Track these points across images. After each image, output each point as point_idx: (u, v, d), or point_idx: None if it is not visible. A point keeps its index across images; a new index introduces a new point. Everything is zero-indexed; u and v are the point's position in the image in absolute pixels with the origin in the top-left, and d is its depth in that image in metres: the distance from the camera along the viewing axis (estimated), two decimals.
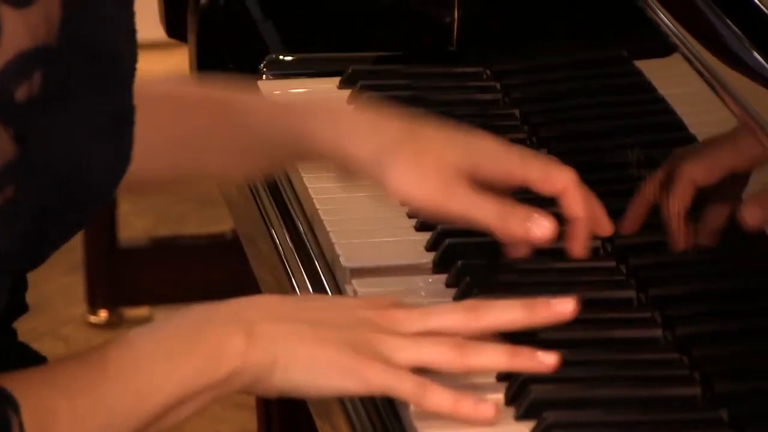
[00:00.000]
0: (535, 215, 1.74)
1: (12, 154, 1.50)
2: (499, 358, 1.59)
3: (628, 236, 1.87)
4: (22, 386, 1.52)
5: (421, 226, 1.84)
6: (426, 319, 1.63)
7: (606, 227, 1.83)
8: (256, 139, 1.92)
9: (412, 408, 1.60)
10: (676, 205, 1.82)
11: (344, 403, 1.71)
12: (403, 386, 1.58)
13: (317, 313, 1.68)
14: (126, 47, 1.62)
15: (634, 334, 1.70)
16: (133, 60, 1.64)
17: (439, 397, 1.57)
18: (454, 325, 1.61)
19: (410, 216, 1.86)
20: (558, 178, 1.77)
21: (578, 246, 1.80)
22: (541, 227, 1.73)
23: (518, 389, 1.59)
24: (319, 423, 1.86)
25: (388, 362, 1.61)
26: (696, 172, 1.80)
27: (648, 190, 1.88)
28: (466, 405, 1.57)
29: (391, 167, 1.80)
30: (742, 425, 1.56)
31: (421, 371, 1.58)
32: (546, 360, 1.58)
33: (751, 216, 1.66)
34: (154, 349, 1.65)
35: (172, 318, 1.66)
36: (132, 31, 1.62)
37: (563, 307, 1.59)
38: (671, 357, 1.67)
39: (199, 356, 1.60)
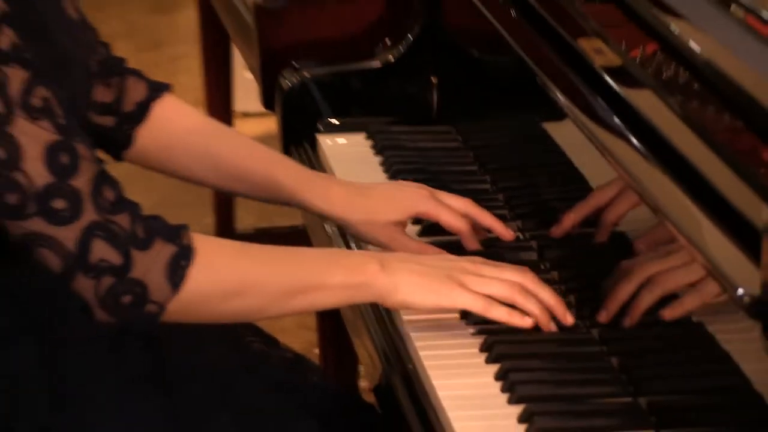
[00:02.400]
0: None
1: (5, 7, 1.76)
2: (538, 311, 1.92)
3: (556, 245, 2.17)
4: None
5: None
6: (493, 271, 1.97)
7: (503, 234, 2.15)
8: (265, 181, 2.21)
9: (403, 317, 2.01)
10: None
11: (367, 323, 2.11)
12: (476, 304, 1.92)
13: (429, 260, 2.02)
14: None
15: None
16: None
17: (498, 311, 1.91)
18: (508, 279, 1.94)
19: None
20: (450, 212, 2.13)
21: (472, 244, 2.17)
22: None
23: (489, 345, 1.92)
24: (353, 337, 2.27)
25: (468, 289, 1.93)
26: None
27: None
28: (515, 317, 1.91)
29: (352, 225, 2.19)
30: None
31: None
32: (525, 322, 1.92)
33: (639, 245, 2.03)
34: (321, 252, 2.12)
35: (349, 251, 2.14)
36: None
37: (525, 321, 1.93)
38: (589, 337, 1.96)
39: (346, 265, 1.97)
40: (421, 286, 1.93)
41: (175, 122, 2.17)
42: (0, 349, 1.84)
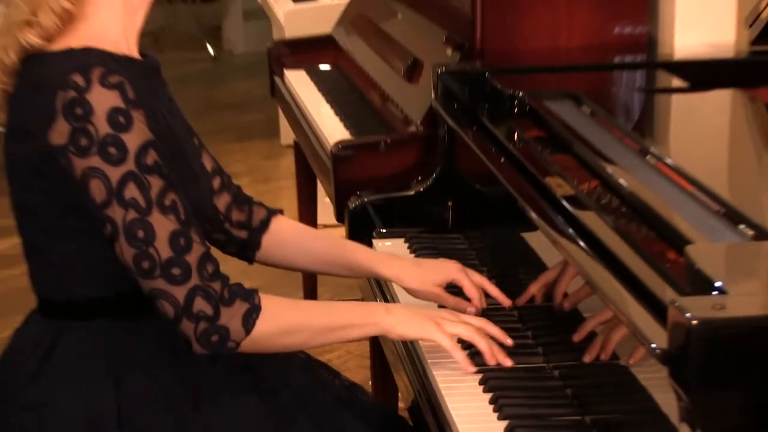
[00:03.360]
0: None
1: (150, 136, 1.73)
2: (486, 346, 1.87)
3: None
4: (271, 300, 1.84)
5: None
6: (465, 320, 1.92)
7: (503, 301, 2.08)
8: (350, 263, 2.16)
9: (428, 359, 1.95)
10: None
11: (402, 360, 2.07)
12: (444, 340, 1.87)
13: (422, 309, 1.98)
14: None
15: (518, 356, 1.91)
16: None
17: (458, 353, 1.87)
18: (470, 323, 1.91)
19: None
20: (471, 283, 2.07)
21: (477, 304, 2.08)
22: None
23: (486, 379, 1.86)
24: (394, 373, 2.22)
25: (443, 329, 1.88)
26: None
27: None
28: (464, 362, 1.86)
29: (411, 287, 2.11)
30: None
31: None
32: (503, 361, 1.88)
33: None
34: (346, 304, 2.04)
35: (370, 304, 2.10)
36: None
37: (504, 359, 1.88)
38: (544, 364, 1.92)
39: (362, 311, 1.94)
40: (412, 324, 1.89)
41: (287, 231, 2.15)
42: (156, 371, 1.84)
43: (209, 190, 1.97)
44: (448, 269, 2.11)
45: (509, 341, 1.90)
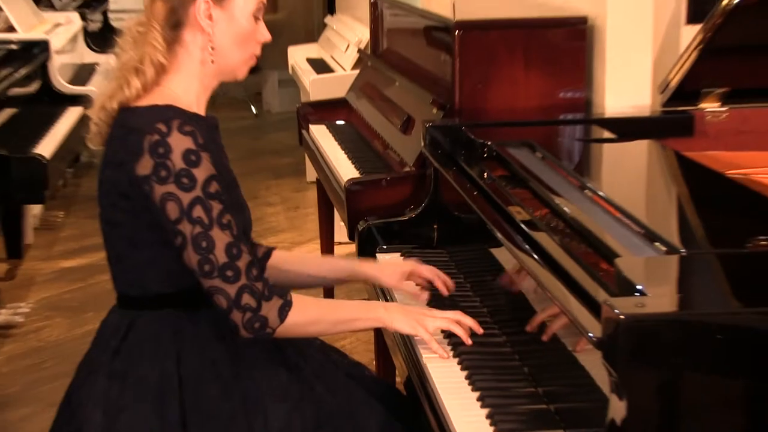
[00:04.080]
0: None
1: (213, 171, 1.74)
2: (461, 332, 1.87)
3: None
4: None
5: None
6: (444, 315, 1.91)
7: (443, 290, 2.07)
8: (335, 270, 2.18)
9: (417, 339, 1.92)
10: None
11: (398, 345, 2.04)
12: (426, 335, 1.87)
13: (411, 308, 1.96)
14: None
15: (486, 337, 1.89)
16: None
17: (433, 344, 1.86)
18: (448, 317, 1.90)
19: None
20: (424, 269, 2.12)
21: (438, 283, 2.10)
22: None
23: (462, 360, 1.85)
24: (392, 354, 2.17)
25: (427, 327, 1.88)
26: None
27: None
28: (439, 350, 1.86)
29: (384, 280, 2.14)
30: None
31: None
32: (468, 340, 1.87)
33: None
34: (356, 303, 1.97)
35: (370, 303, 2.03)
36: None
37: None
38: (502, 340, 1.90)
39: (367, 308, 1.93)
40: (402, 322, 1.89)
41: (284, 259, 2.15)
42: (207, 349, 1.83)
43: (250, 218, 1.95)
44: (410, 262, 2.17)
45: (480, 331, 1.88)
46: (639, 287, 1.33)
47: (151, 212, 1.74)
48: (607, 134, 2.32)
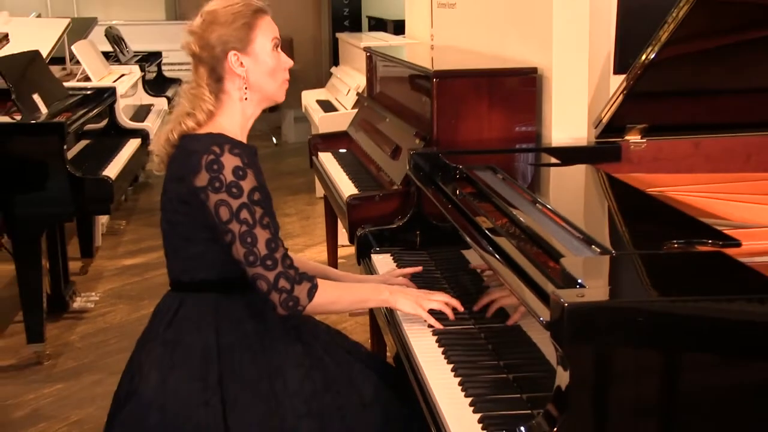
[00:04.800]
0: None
1: (255, 183, 1.75)
2: (447, 310, 1.83)
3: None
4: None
5: None
6: (433, 295, 1.87)
7: (455, 305, 1.87)
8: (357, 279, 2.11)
9: (399, 314, 1.90)
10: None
11: (388, 325, 1.97)
12: (423, 313, 1.83)
13: (410, 290, 1.91)
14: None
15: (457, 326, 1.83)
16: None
17: (428, 318, 1.83)
18: (439, 299, 1.85)
19: None
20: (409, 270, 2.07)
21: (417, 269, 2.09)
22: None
23: (440, 338, 1.81)
24: (384, 334, 2.09)
25: (423, 306, 1.84)
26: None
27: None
28: (431, 320, 1.83)
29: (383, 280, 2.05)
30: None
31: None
32: (452, 315, 1.82)
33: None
34: (370, 287, 1.92)
35: (378, 285, 1.94)
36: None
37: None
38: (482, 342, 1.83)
39: (376, 292, 1.88)
40: (404, 302, 1.86)
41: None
42: (242, 326, 1.81)
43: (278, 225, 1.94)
44: (393, 271, 2.13)
45: (461, 308, 1.86)
46: (579, 281, 1.32)
47: (205, 215, 1.74)
48: (553, 160, 2.30)
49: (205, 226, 1.76)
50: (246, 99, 1.83)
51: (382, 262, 2.36)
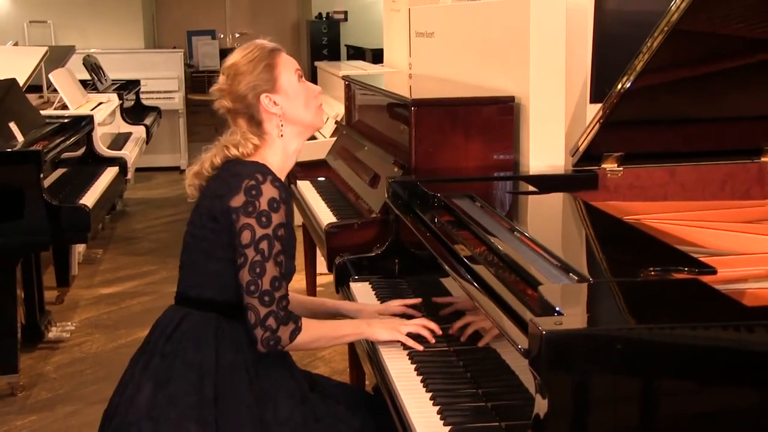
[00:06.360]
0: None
1: (284, 220, 1.76)
2: (426, 333, 1.86)
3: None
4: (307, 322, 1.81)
5: None
6: (413, 322, 1.90)
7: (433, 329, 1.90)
8: (336, 309, 2.12)
9: (380, 346, 1.89)
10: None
11: (367, 354, 1.95)
12: (402, 338, 1.86)
13: (387, 319, 1.95)
14: None
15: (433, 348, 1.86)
16: None
17: (409, 341, 1.85)
18: (417, 324, 1.89)
19: None
20: (397, 307, 2.06)
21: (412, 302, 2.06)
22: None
23: (418, 366, 1.81)
24: (363, 363, 2.06)
25: (401, 332, 1.87)
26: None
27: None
28: (412, 344, 1.85)
29: (366, 316, 2.03)
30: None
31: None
32: (431, 339, 1.85)
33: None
34: (348, 323, 1.94)
35: (354, 320, 1.97)
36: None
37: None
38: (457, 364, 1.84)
39: (354, 327, 1.91)
40: (382, 332, 1.88)
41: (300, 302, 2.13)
42: (239, 349, 1.82)
43: (294, 268, 1.94)
44: (377, 307, 2.13)
45: (439, 331, 1.89)
46: (557, 309, 1.31)
47: (231, 235, 1.76)
48: (531, 188, 2.29)
49: (228, 245, 1.78)
50: (282, 135, 1.87)
51: (361, 290, 2.34)
